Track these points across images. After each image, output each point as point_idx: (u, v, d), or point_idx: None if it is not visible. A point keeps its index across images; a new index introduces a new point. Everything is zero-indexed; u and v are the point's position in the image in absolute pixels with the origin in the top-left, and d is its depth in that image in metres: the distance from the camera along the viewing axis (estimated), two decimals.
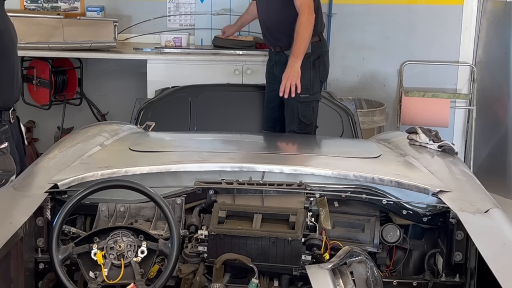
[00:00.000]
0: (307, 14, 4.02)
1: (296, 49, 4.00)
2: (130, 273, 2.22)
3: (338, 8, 5.55)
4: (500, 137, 5.50)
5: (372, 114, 5.32)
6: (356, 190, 2.55)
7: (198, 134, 3.81)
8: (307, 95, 4.08)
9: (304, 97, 4.06)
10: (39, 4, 5.59)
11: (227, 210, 2.39)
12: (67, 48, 5.07)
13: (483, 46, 5.60)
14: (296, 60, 4.00)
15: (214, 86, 4.55)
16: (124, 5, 5.58)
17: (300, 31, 3.99)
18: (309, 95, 4.09)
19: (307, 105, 4.10)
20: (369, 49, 5.69)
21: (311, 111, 4.12)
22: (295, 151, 3.50)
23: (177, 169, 2.62)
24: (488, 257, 2.04)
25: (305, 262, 2.30)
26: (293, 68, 3.99)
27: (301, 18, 4.01)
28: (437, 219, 2.47)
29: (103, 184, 2.28)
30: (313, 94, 4.11)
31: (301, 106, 4.08)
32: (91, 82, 5.58)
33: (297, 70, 3.98)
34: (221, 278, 2.30)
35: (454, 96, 5.64)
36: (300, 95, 4.03)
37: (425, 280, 2.43)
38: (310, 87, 4.08)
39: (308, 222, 2.43)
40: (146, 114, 4.12)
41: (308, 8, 4.02)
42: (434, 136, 3.09)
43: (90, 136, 3.16)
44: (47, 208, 2.40)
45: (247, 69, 5.03)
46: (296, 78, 3.97)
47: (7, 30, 3.09)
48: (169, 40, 5.38)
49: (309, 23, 4.02)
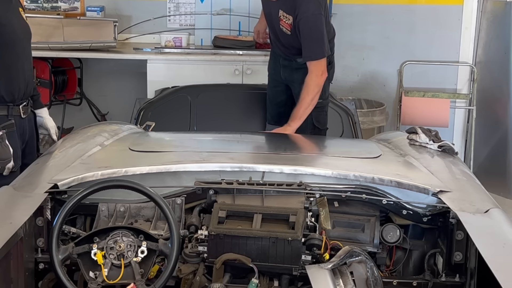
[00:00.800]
0: (314, 76, 3.82)
1: (296, 113, 3.82)
2: (130, 273, 2.22)
3: (338, 8, 5.54)
4: (500, 137, 5.50)
5: (372, 114, 5.32)
6: (356, 190, 2.55)
7: (198, 134, 3.81)
8: (321, 101, 3.95)
9: (318, 102, 3.93)
10: (39, 4, 5.59)
11: (227, 210, 2.40)
12: (67, 48, 5.08)
13: (483, 46, 5.60)
14: (292, 124, 3.81)
15: (214, 86, 4.55)
16: (124, 5, 5.58)
17: (303, 95, 3.81)
18: (322, 100, 3.97)
19: (320, 110, 4.00)
20: (369, 49, 5.68)
21: (325, 116, 4.05)
22: (295, 151, 3.50)
23: (177, 169, 2.62)
24: (488, 257, 2.04)
25: (305, 262, 2.30)
26: (287, 130, 3.80)
27: (307, 80, 3.82)
28: (437, 219, 2.47)
29: (103, 184, 2.28)
30: (325, 99, 4.03)
31: (315, 112, 3.94)
32: (91, 82, 5.58)
33: (291, 132, 3.80)
34: (221, 278, 2.30)
35: (454, 96, 5.64)
36: None
37: (425, 280, 2.43)
38: (323, 93, 3.96)
39: (308, 222, 2.43)
40: (146, 114, 4.12)
41: (316, 69, 3.82)
42: (434, 136, 3.09)
43: (90, 136, 3.16)
44: (47, 208, 2.40)
45: (247, 69, 5.03)
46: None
47: (8, 24, 3.15)
48: (169, 40, 5.38)
49: (315, 86, 3.81)
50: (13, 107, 3.18)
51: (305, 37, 3.81)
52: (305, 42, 3.83)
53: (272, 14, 3.98)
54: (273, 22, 4.00)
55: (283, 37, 3.99)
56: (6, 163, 3.06)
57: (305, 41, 3.83)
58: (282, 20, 3.89)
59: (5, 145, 3.06)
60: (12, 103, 3.18)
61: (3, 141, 3.05)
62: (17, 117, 3.21)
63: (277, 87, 4.19)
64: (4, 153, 3.05)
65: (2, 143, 3.04)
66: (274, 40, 4.16)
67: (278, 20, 3.91)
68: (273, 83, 4.26)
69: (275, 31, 4.03)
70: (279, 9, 3.88)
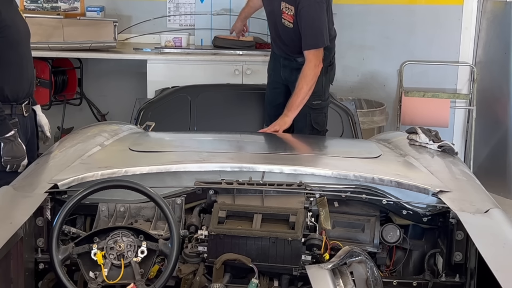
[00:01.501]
0: (313, 65, 3.81)
1: (293, 102, 3.82)
2: (130, 273, 2.23)
3: (338, 8, 5.52)
4: (500, 137, 5.50)
5: (372, 114, 5.32)
6: (356, 190, 2.55)
7: (198, 134, 3.81)
8: (320, 102, 3.97)
9: (316, 103, 3.95)
10: (39, 4, 5.59)
11: (227, 210, 2.40)
12: (67, 48, 5.07)
13: (483, 46, 5.60)
14: (289, 114, 3.81)
15: (214, 86, 4.54)
16: (124, 5, 5.58)
17: (300, 84, 3.82)
18: (321, 102, 3.98)
19: (319, 112, 4.00)
20: (369, 49, 5.68)
21: (323, 117, 4.04)
22: (295, 151, 3.50)
23: (177, 169, 2.62)
24: (488, 257, 2.04)
25: (305, 262, 2.30)
26: (285, 120, 3.80)
27: (305, 69, 3.81)
28: (437, 219, 2.47)
29: (103, 184, 2.28)
30: (325, 100, 4.03)
31: (313, 113, 3.96)
32: (91, 82, 5.58)
33: (288, 122, 3.81)
34: (221, 278, 2.30)
35: (454, 96, 5.64)
36: (313, 102, 3.93)
37: (425, 280, 2.43)
38: (322, 94, 3.98)
39: (308, 222, 2.43)
40: (146, 114, 4.11)
41: (315, 59, 3.82)
42: (434, 136, 3.09)
43: (90, 136, 3.17)
44: (47, 208, 2.40)
45: (247, 69, 5.03)
46: (283, 128, 3.81)
47: (13, 24, 3.22)
48: (169, 40, 5.38)
49: (313, 75, 3.82)
50: (16, 106, 3.24)
51: (306, 26, 3.82)
52: (306, 30, 3.83)
53: (274, 10, 3.99)
54: (275, 18, 4.00)
55: (284, 33, 3.99)
56: (21, 160, 3.17)
57: (306, 29, 3.83)
58: (284, 13, 3.90)
59: (18, 143, 3.16)
60: (15, 102, 3.24)
61: (15, 139, 3.16)
62: (20, 115, 3.27)
63: (276, 89, 4.19)
64: (18, 151, 3.16)
65: (15, 141, 3.15)
66: (275, 38, 4.16)
67: (280, 14, 3.92)
68: (272, 85, 4.26)
69: (277, 27, 4.04)
70: (281, 2, 3.90)
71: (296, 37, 3.91)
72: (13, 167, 3.14)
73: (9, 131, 3.12)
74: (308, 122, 3.98)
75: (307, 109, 3.94)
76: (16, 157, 3.14)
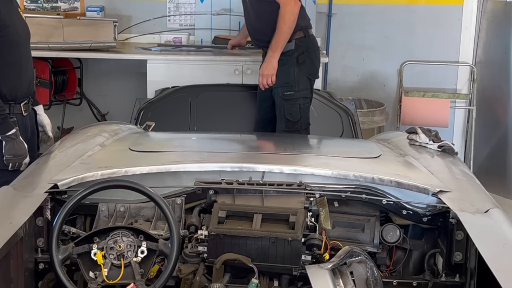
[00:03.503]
0: (288, 4, 3.89)
1: (274, 43, 3.94)
2: (130, 273, 2.23)
3: (338, 8, 5.55)
4: (500, 137, 5.50)
5: (372, 114, 5.32)
6: (356, 190, 2.55)
7: (198, 134, 3.81)
8: (292, 92, 4.02)
9: (289, 94, 4.01)
10: (39, 4, 5.59)
11: (227, 210, 2.40)
12: (67, 48, 5.07)
13: (483, 46, 5.60)
14: (273, 55, 3.94)
15: (214, 86, 4.54)
16: (124, 5, 5.58)
17: (280, 24, 3.91)
18: (294, 92, 4.02)
19: (292, 103, 4.03)
20: (369, 49, 5.69)
21: (297, 109, 4.05)
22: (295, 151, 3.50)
23: (177, 169, 2.62)
24: (488, 257, 2.04)
25: (305, 262, 2.30)
26: (269, 63, 3.95)
27: (282, 10, 3.91)
28: (437, 219, 2.47)
29: (103, 184, 2.28)
30: (299, 91, 4.04)
31: (286, 104, 4.03)
32: (91, 82, 5.58)
33: (273, 64, 3.93)
34: (221, 278, 2.30)
35: (454, 96, 5.64)
36: (285, 93, 4.00)
37: (425, 280, 2.43)
38: (295, 84, 4.02)
39: (308, 222, 2.43)
40: (146, 114, 4.12)
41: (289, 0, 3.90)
42: (434, 136, 3.09)
43: (90, 136, 3.17)
44: (47, 208, 2.40)
45: (247, 69, 5.03)
46: (271, 72, 3.93)
47: (12, 24, 3.22)
48: (169, 40, 5.37)
49: (290, 14, 3.90)
50: (14, 105, 3.24)
51: None
52: None
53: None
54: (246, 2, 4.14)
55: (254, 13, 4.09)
56: (23, 158, 3.17)
57: None
58: None
59: (20, 142, 3.17)
60: (14, 101, 3.24)
61: (17, 137, 3.17)
62: (19, 115, 3.27)
63: (264, 93, 4.17)
64: (20, 149, 3.16)
65: (17, 139, 3.16)
66: (250, 29, 4.27)
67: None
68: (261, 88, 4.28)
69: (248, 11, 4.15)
70: None
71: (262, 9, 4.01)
72: (15, 166, 3.15)
73: (11, 130, 3.13)
74: (282, 113, 4.04)
75: (281, 100, 4.03)
76: (18, 155, 3.14)
